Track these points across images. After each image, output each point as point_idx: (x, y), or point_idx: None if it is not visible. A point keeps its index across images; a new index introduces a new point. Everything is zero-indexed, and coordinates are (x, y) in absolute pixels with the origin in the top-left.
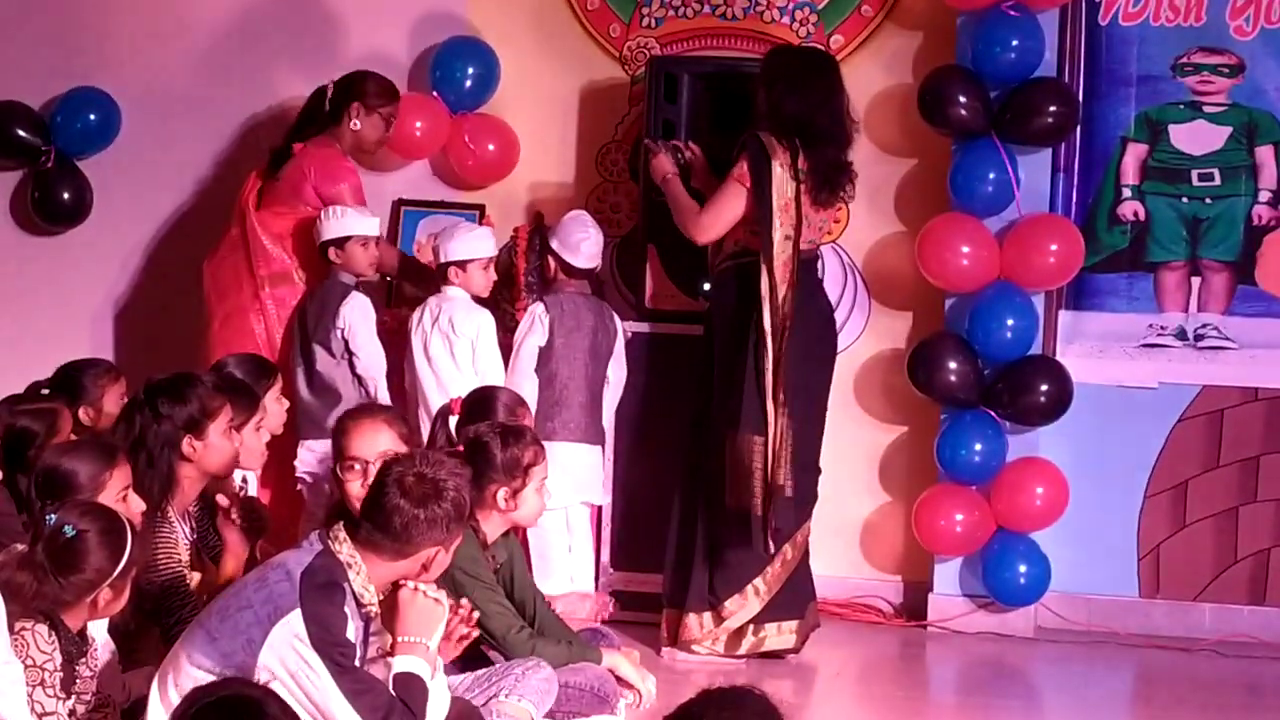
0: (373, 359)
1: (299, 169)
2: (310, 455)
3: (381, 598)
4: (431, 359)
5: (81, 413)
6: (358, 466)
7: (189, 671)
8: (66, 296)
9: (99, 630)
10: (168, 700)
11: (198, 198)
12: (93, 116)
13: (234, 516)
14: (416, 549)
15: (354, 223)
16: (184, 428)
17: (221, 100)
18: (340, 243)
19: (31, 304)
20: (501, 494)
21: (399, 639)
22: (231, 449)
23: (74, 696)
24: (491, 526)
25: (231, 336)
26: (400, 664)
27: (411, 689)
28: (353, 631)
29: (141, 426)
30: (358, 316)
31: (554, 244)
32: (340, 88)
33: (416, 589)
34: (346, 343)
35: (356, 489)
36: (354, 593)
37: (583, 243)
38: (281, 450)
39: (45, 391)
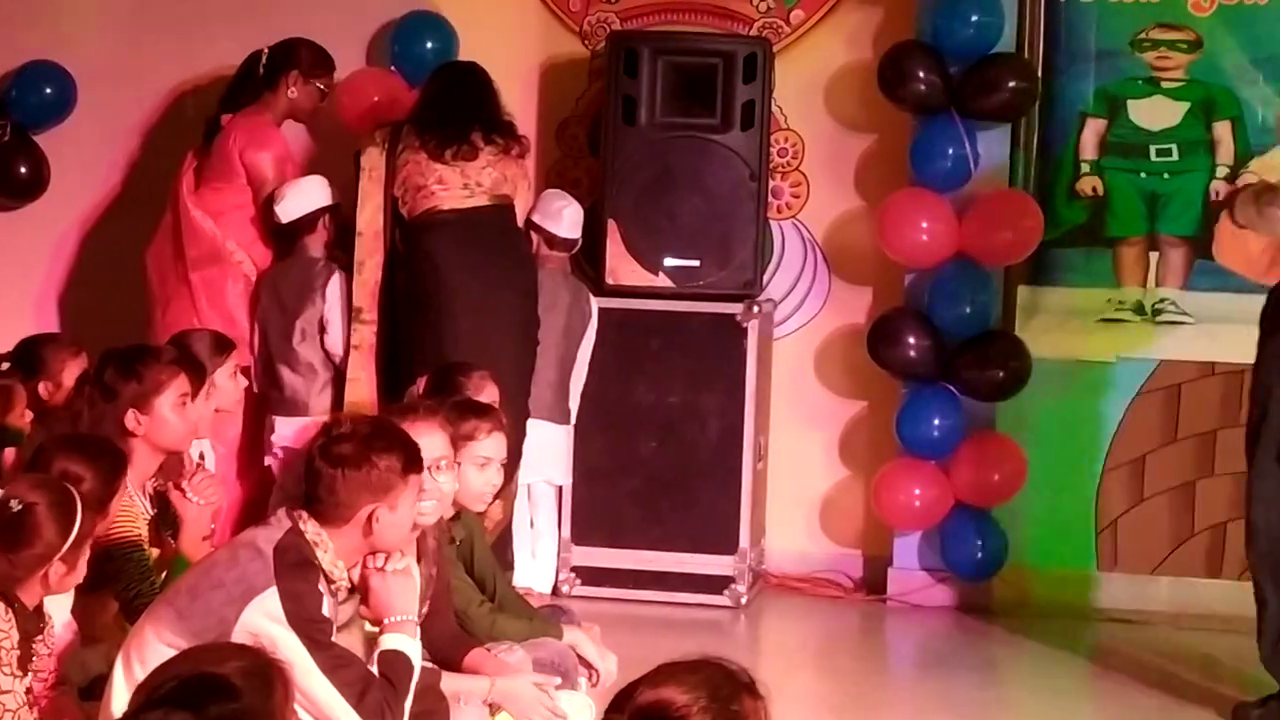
0: (341, 336)
1: (228, 139)
2: (288, 430)
3: (350, 573)
4: None
5: (40, 387)
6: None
7: (158, 649)
8: (24, 272)
9: (59, 609)
10: (132, 677)
11: (154, 172)
12: (48, 90)
13: (187, 491)
14: (352, 509)
15: (320, 194)
16: (129, 402)
17: (178, 75)
18: (313, 219)
19: None
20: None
21: (385, 620)
22: (183, 424)
23: (31, 674)
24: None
25: (173, 324)
26: (388, 641)
27: (397, 667)
28: (327, 608)
29: (90, 399)
30: (338, 295)
31: (535, 218)
32: (276, 55)
33: (382, 569)
34: (323, 320)
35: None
36: (324, 570)
37: (564, 209)
38: (253, 426)
39: (4, 367)
